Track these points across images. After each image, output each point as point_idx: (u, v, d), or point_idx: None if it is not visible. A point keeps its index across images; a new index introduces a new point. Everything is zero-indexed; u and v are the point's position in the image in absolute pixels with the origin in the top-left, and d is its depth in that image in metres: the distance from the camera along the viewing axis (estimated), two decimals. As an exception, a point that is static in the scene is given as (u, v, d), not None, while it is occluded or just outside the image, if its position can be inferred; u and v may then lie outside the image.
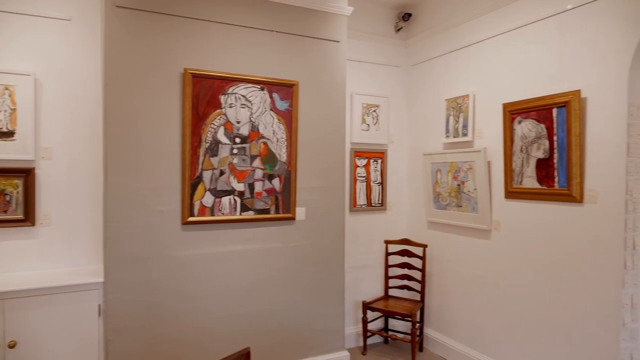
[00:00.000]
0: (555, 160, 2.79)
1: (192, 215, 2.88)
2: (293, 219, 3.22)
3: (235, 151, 2.99)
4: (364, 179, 3.91)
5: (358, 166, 3.87)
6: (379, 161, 3.98)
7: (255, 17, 3.07)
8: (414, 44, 4.07)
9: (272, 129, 3.11)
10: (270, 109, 3.10)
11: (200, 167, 2.89)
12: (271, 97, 3.10)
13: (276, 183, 3.14)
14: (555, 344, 2.83)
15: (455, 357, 3.58)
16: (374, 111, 3.93)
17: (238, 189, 3.02)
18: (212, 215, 2.94)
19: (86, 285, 2.66)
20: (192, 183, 2.87)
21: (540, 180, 2.89)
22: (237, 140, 3.00)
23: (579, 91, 2.63)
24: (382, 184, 4.00)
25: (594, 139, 2.61)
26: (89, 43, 3.03)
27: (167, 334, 2.84)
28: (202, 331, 2.95)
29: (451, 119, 3.59)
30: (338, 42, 3.38)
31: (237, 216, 3.02)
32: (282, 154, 3.16)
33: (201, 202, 2.90)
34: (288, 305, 3.23)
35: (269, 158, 3.11)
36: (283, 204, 3.18)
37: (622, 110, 2.47)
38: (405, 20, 4.02)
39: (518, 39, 3.08)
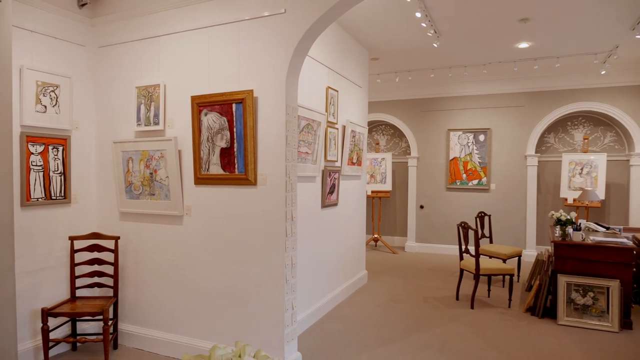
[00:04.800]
0: (235, 149, 3.21)
1: None
2: None
3: None
4: (40, 168, 3.39)
5: (32, 153, 3.33)
6: (61, 148, 3.54)
7: None
8: (102, 25, 3.81)
9: None
10: None
11: None
12: None
13: None
14: (238, 307, 3.27)
15: (152, 346, 3.60)
16: (53, 91, 3.46)
17: None
18: None
19: None
20: None
21: (224, 167, 3.26)
22: None
23: (252, 91, 3.11)
24: (65, 174, 3.58)
25: (263, 132, 3.15)
26: None
27: None
28: None
29: (142, 107, 3.57)
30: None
31: None
32: None
33: None
34: None
35: None
36: None
37: (282, 110, 3.09)
38: (90, -3, 3.71)
39: (205, 38, 3.36)
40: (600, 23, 4.88)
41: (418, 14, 4.47)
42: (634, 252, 4.24)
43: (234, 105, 3.18)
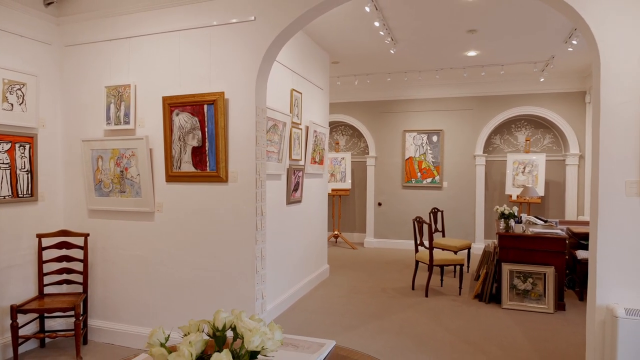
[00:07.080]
0: (207, 148, 3.36)
1: None
2: None
3: None
4: (7, 166, 3.39)
5: (-1, 151, 3.33)
6: (28, 146, 3.55)
7: None
8: (69, 24, 3.83)
9: None
10: None
11: None
12: None
13: None
14: (210, 298, 3.43)
15: (124, 339, 3.68)
16: (20, 89, 3.47)
17: None
18: None
19: None
20: None
21: (195, 165, 3.41)
22: None
23: (223, 92, 3.28)
24: (32, 171, 3.59)
25: (234, 131, 3.33)
26: None
27: None
28: None
29: (112, 106, 3.64)
30: (-32, 0, 2.83)
31: None
32: None
33: None
34: None
35: None
36: None
37: (252, 111, 3.28)
38: (57, -4, 3.73)
39: (176, 41, 3.49)
40: (538, 36, 5.40)
41: (376, 23, 4.78)
42: (567, 241, 4.76)
43: (205, 106, 3.34)
